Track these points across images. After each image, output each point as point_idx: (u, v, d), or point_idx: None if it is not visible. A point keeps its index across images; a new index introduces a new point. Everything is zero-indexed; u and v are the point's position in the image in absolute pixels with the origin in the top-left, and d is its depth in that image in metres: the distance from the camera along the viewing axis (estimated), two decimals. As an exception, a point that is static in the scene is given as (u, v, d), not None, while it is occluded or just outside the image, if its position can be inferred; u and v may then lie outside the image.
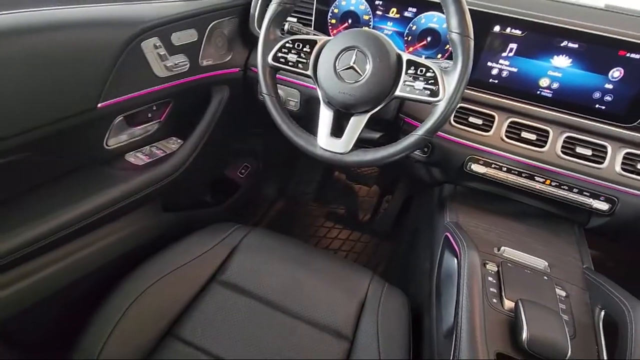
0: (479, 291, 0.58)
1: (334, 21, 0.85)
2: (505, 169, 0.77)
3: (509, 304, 0.60)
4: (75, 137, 0.67)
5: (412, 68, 0.62)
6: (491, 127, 0.77)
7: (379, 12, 0.81)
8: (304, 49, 0.66)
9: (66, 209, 0.65)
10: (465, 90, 0.78)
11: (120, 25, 0.66)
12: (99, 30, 0.64)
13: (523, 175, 0.77)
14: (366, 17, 0.82)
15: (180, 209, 0.92)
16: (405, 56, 0.63)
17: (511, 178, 0.77)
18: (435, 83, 0.60)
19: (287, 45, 0.66)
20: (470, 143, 0.77)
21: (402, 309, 0.71)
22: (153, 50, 0.69)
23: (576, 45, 0.70)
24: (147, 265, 0.72)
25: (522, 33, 0.73)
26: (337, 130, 0.67)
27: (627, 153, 0.71)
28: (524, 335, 0.52)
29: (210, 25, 0.81)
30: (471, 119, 0.77)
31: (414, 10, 0.78)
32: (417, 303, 0.80)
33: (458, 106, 0.78)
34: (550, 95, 0.75)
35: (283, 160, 1.40)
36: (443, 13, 0.61)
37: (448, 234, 0.72)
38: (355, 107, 0.65)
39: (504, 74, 0.77)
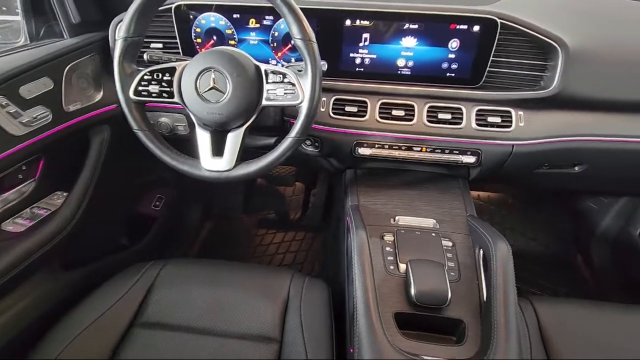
0: (368, 265, 0.64)
1: (199, 40, 0.85)
2: (387, 146, 0.85)
3: (402, 267, 0.67)
4: None
5: (272, 77, 0.65)
6: (366, 111, 0.83)
7: (239, 25, 0.83)
8: (164, 78, 0.66)
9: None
10: (337, 83, 0.85)
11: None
12: None
13: (403, 148, 0.85)
14: (229, 32, 0.84)
15: (87, 262, 0.87)
16: (264, 67, 0.66)
17: (394, 153, 0.85)
18: (294, 87, 0.64)
19: (146, 77, 0.66)
20: (351, 130, 0.84)
21: (323, 298, 0.76)
22: (0, 110, 0.65)
23: (416, 26, 0.79)
24: (56, 330, 0.68)
25: (370, 23, 0.80)
26: (219, 148, 0.69)
27: (479, 110, 0.82)
28: (413, 291, 0.59)
29: (67, 68, 0.77)
30: (347, 108, 0.84)
31: (271, 17, 0.82)
32: (342, 288, 0.86)
33: (335, 98, 0.84)
34: (409, 72, 0.84)
35: (199, 181, 1.38)
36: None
37: (347, 218, 0.78)
38: (228, 124, 0.67)
39: (366, 61, 0.84)
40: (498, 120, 0.82)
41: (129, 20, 0.62)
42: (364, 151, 0.85)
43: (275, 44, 0.84)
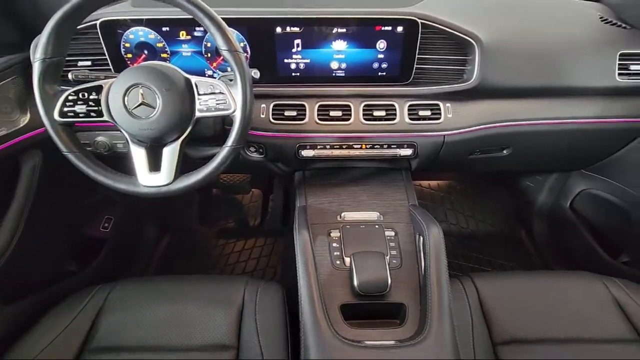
0: (311, 263, 0.67)
1: (130, 56, 0.84)
2: (328, 146, 0.88)
3: (348, 260, 0.70)
4: None
5: (202, 88, 0.66)
6: (305, 114, 0.86)
7: (170, 38, 0.83)
8: (91, 97, 0.65)
9: None
10: (275, 89, 0.87)
11: None
12: None
13: (343, 147, 0.89)
14: (160, 45, 0.83)
15: (30, 293, 0.83)
16: (194, 79, 0.67)
17: (335, 152, 0.89)
18: (226, 97, 0.65)
19: (71, 97, 0.65)
20: (293, 134, 0.86)
21: (277, 301, 0.77)
22: None
23: (345, 30, 0.83)
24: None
25: (300, 29, 0.83)
26: (156, 163, 0.68)
27: (410, 105, 0.88)
28: (356, 282, 0.62)
29: (-15, 93, 0.73)
30: (287, 113, 0.86)
31: (202, 29, 0.82)
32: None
33: (274, 104, 0.86)
34: (343, 74, 0.88)
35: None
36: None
37: (295, 220, 0.81)
38: (163, 138, 0.67)
39: (301, 66, 0.86)
40: (428, 113, 0.87)
41: (45, 42, 0.60)
42: (307, 153, 0.88)
43: (209, 54, 0.85)
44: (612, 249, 1.17)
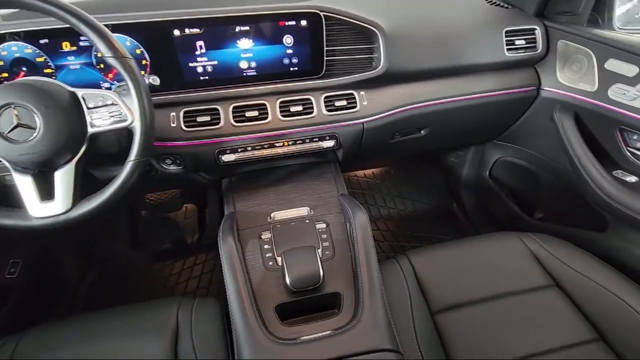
0: (239, 270, 0.64)
1: (5, 75, 0.74)
2: (249, 148, 0.86)
3: (280, 260, 0.69)
4: None
5: (91, 101, 0.60)
6: (219, 118, 0.83)
7: (51, 51, 0.74)
8: (-51, 125, 0.56)
9: None
10: (183, 95, 0.82)
11: None
12: None
13: (265, 146, 0.87)
14: (40, 60, 0.74)
15: None
16: (80, 92, 0.60)
17: (258, 153, 0.86)
18: (120, 108, 0.60)
19: None
20: (209, 139, 0.82)
21: (214, 315, 0.73)
22: None
23: (248, 28, 0.81)
24: None
25: (200, 30, 0.79)
26: (48, 191, 0.61)
27: (326, 97, 0.88)
28: (288, 280, 0.61)
29: None
30: (199, 118, 0.81)
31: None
32: None
33: (184, 111, 0.81)
34: (254, 73, 0.85)
35: (70, 229, 1.22)
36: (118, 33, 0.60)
37: (220, 228, 0.77)
38: (52, 162, 0.59)
39: (209, 68, 0.83)
40: (344, 103, 0.89)
41: None
42: (228, 157, 0.85)
43: (101, 65, 0.78)
44: (528, 208, 1.30)
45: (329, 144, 0.90)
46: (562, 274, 0.83)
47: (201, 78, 0.83)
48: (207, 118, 0.82)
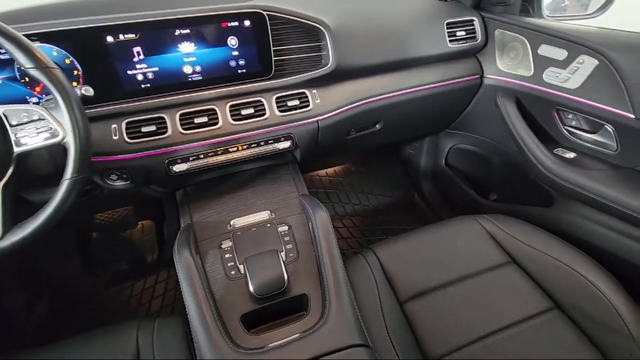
0: (198, 283, 0.61)
1: None
2: (202, 155, 0.82)
3: (242, 267, 0.66)
4: None
5: (15, 118, 0.55)
6: (166, 127, 0.78)
7: (-37, 66, 0.67)
8: None
9: None
10: (125, 105, 0.77)
11: None
12: None
13: (219, 152, 0.83)
14: (-47, 76, 0.67)
15: None
16: (1, 109, 0.55)
17: (211, 160, 0.83)
18: (49, 123, 0.55)
19: None
20: (157, 150, 0.78)
21: (177, 333, 0.69)
22: None
23: (188, 31, 0.77)
24: None
25: (136, 35, 0.74)
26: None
27: (277, 98, 0.87)
28: (251, 287, 0.59)
29: None
30: (144, 129, 0.77)
31: (8, 49, 0.68)
32: None
33: (126, 122, 0.76)
34: (200, 78, 0.82)
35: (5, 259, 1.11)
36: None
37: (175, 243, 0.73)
38: (-28, 188, 0.53)
39: (150, 76, 0.78)
40: (297, 102, 0.88)
41: None
42: (179, 167, 0.81)
43: (26, 78, 0.71)
44: (483, 191, 1.36)
45: (285, 145, 0.88)
46: (517, 250, 0.87)
47: (142, 86, 0.78)
48: (153, 128, 0.78)
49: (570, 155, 0.96)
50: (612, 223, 0.87)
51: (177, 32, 0.76)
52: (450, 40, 1.03)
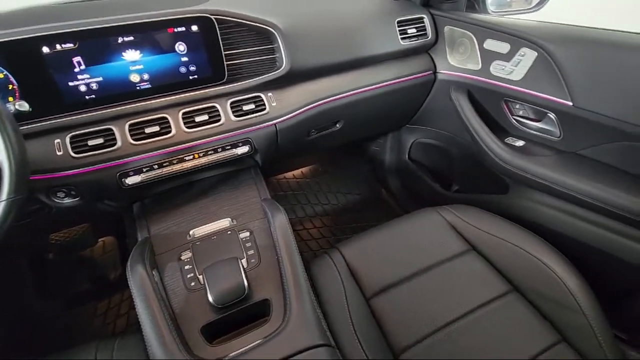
0: (153, 299, 0.59)
1: None
2: (155, 166, 0.79)
3: (202, 278, 0.65)
4: None
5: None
6: (115, 139, 0.75)
7: None
8: None
9: None
10: (69, 118, 0.73)
11: None
12: None
13: (174, 162, 0.81)
14: None
15: None
16: None
17: (167, 170, 0.81)
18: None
19: None
20: (106, 163, 0.74)
21: (138, 352, 0.67)
22: None
23: (132, 38, 0.75)
24: None
25: (75, 45, 0.71)
26: None
27: (232, 102, 0.85)
28: (210, 297, 0.57)
29: None
30: (91, 142, 0.73)
31: None
32: None
33: (71, 136, 0.73)
34: (149, 86, 0.79)
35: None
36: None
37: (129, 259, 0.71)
38: None
39: (94, 86, 0.75)
40: (253, 106, 0.87)
41: None
42: (132, 180, 0.78)
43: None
44: (446, 183, 1.40)
45: (244, 149, 0.87)
46: (476, 238, 0.90)
47: (87, 97, 0.75)
48: (101, 140, 0.74)
49: (520, 143, 1.01)
50: (561, 205, 0.92)
51: (120, 40, 0.74)
52: (402, 38, 1.05)
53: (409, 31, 1.06)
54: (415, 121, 1.36)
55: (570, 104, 0.84)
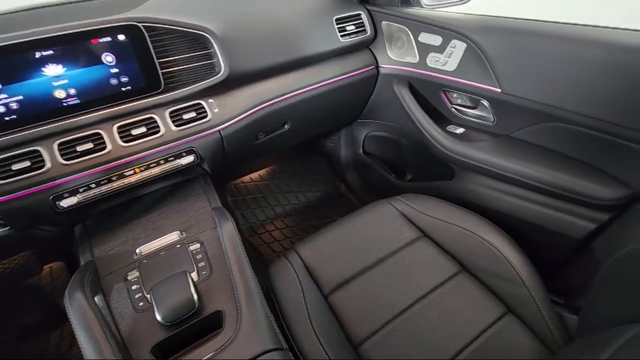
0: (95, 325, 0.57)
1: None
2: (93, 185, 0.75)
3: (150, 297, 0.63)
4: None
5: None
6: (43, 160, 0.71)
7: None
8: None
9: None
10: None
11: None
12: None
13: (113, 179, 0.77)
14: None
15: None
16: None
17: (107, 188, 0.77)
18: None
19: None
20: (36, 187, 0.69)
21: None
22: None
23: (51, 52, 0.70)
24: None
25: (-16, 63, 0.66)
26: None
27: (171, 112, 0.82)
28: (159, 316, 0.56)
29: None
30: (15, 166, 0.68)
31: None
32: None
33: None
34: (78, 101, 0.75)
35: None
36: None
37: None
38: None
39: (13, 106, 0.69)
40: (193, 114, 0.85)
41: None
42: (68, 202, 0.73)
43: None
44: (400, 173, 1.45)
45: (188, 159, 0.85)
46: (427, 224, 0.94)
47: (6, 119, 0.69)
48: (27, 163, 0.69)
49: (460, 130, 1.06)
50: (500, 187, 0.98)
51: (37, 55, 0.69)
52: (342, 35, 1.07)
53: (348, 28, 1.08)
54: (365, 115, 1.39)
55: (499, 90, 0.89)
